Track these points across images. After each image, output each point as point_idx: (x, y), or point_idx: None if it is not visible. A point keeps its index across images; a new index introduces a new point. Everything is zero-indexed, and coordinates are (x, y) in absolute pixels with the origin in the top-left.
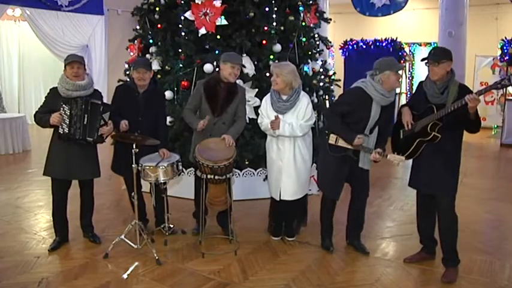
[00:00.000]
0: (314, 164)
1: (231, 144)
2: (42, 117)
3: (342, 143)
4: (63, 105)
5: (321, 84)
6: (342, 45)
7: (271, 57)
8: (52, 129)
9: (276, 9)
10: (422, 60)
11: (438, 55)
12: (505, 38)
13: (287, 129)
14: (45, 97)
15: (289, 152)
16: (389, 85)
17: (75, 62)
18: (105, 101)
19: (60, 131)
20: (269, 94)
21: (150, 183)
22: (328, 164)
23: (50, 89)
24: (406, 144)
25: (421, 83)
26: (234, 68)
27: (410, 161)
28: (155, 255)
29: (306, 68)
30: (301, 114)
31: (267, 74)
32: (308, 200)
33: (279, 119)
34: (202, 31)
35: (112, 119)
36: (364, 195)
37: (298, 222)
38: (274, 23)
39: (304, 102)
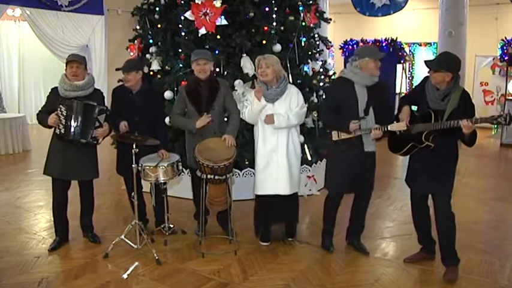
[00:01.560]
0: (314, 164)
1: (232, 144)
2: (43, 117)
3: (344, 135)
4: (60, 106)
5: (321, 84)
6: (342, 45)
7: None
8: (53, 129)
9: (276, 9)
10: (425, 62)
11: (437, 64)
12: (505, 38)
13: (283, 121)
14: (47, 97)
15: (283, 144)
16: (367, 71)
17: (74, 62)
18: (106, 101)
19: (57, 131)
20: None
21: (150, 183)
22: (335, 161)
23: (52, 89)
24: (402, 143)
25: (426, 78)
26: (200, 65)
27: (407, 159)
28: (155, 255)
29: (306, 68)
30: (294, 101)
31: None
32: (306, 200)
33: (271, 115)
34: (202, 31)
35: (112, 120)
36: (367, 196)
37: (289, 228)
38: (274, 23)
39: (294, 89)
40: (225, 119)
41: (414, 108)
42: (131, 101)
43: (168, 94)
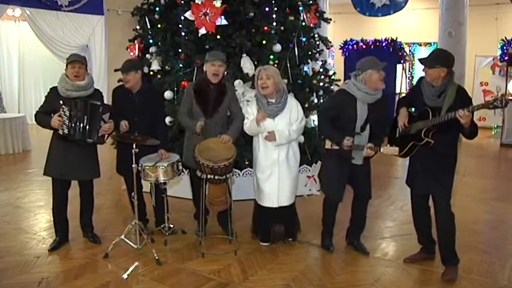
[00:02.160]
0: (314, 164)
1: (226, 141)
2: (43, 118)
3: (335, 145)
4: (63, 106)
5: (321, 84)
6: (342, 45)
7: (271, 57)
8: (52, 130)
9: (276, 9)
10: (419, 60)
11: (432, 60)
12: (505, 38)
13: (284, 138)
14: (45, 97)
15: (283, 155)
16: (372, 83)
17: (76, 62)
18: (105, 101)
19: (60, 131)
20: (255, 102)
21: (150, 183)
22: (329, 167)
23: (50, 89)
24: (401, 143)
25: (421, 78)
26: (215, 66)
27: (407, 160)
28: (155, 255)
29: (306, 68)
30: (294, 114)
31: None
32: (306, 200)
33: (272, 132)
34: (202, 31)
35: (113, 120)
36: (366, 197)
37: (289, 231)
38: (274, 23)
39: (294, 103)
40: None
41: (412, 110)
42: (131, 101)
43: (168, 94)
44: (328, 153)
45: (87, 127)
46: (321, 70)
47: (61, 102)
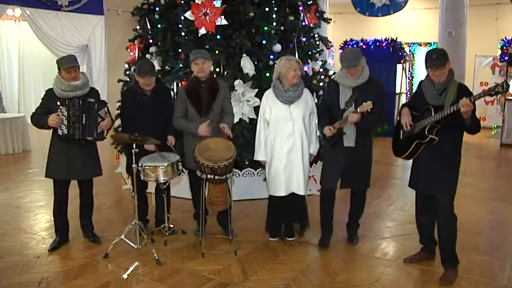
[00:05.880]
0: (314, 164)
1: (226, 130)
2: (40, 119)
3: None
4: (60, 107)
5: (321, 84)
6: (342, 45)
7: (271, 57)
8: (51, 130)
9: (276, 9)
10: (427, 67)
11: (442, 57)
12: (505, 38)
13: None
14: (42, 98)
15: (298, 144)
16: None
17: (72, 67)
18: (105, 100)
19: (60, 132)
20: (270, 90)
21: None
22: (326, 157)
23: (46, 90)
24: (406, 145)
25: (421, 82)
26: (198, 64)
27: (410, 161)
28: (155, 255)
29: (306, 68)
30: (310, 104)
31: (267, 74)
32: (306, 200)
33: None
34: (202, 31)
35: (126, 127)
36: (361, 194)
37: (301, 225)
38: (274, 23)
39: (309, 95)
40: None
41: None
42: (146, 103)
43: None
44: (327, 142)
45: (86, 125)
46: (321, 70)
47: (58, 103)
